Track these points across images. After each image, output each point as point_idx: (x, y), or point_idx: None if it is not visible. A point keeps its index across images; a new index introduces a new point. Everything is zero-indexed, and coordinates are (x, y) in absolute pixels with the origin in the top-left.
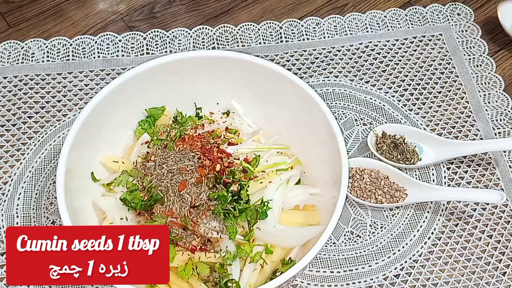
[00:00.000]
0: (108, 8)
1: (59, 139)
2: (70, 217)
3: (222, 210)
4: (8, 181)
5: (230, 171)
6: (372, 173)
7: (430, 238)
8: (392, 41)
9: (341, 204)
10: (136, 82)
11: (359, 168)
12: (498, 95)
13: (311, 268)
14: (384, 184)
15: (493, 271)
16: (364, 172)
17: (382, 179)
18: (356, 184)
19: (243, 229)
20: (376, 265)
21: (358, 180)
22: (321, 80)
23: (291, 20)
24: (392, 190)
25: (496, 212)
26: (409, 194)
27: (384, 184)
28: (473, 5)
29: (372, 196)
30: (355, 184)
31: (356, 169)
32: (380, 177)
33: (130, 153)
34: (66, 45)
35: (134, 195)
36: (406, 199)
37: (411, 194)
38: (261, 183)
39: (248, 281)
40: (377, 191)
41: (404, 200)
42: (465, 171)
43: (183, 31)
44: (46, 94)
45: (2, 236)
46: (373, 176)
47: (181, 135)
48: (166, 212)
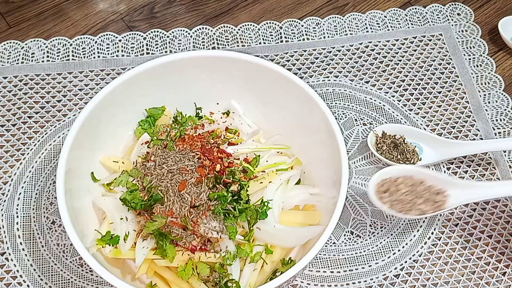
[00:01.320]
0: (108, 8)
1: (59, 139)
2: (70, 217)
3: (222, 210)
4: (8, 181)
5: (230, 171)
6: (407, 181)
7: (430, 238)
8: (392, 41)
9: (341, 204)
10: (136, 82)
11: (391, 179)
12: (498, 95)
13: (311, 268)
14: (424, 190)
15: (493, 271)
16: (397, 182)
17: (419, 185)
18: (395, 197)
19: (243, 229)
20: (376, 265)
21: (394, 192)
22: (321, 80)
23: (291, 20)
24: (432, 195)
25: (496, 212)
26: (450, 195)
27: (423, 190)
28: (473, 5)
29: (413, 207)
30: (393, 198)
31: (389, 180)
32: (416, 183)
33: (130, 153)
34: (66, 45)
35: (134, 195)
36: (449, 202)
37: (453, 195)
38: (261, 183)
39: (248, 281)
40: (418, 200)
41: (447, 203)
42: (465, 171)
43: (183, 31)
44: (46, 94)
45: (2, 236)
46: (408, 184)
47: (181, 135)
48: (166, 212)
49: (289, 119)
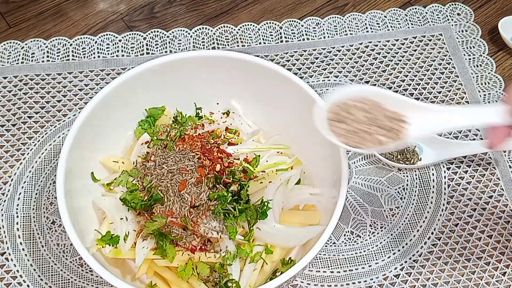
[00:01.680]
0: (108, 8)
1: (59, 139)
2: (70, 217)
3: (222, 210)
4: (8, 181)
5: (230, 171)
6: (363, 105)
7: (430, 238)
8: (392, 41)
9: (341, 204)
10: (136, 82)
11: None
12: (498, 95)
13: (311, 268)
14: (381, 117)
15: (493, 271)
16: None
17: (376, 110)
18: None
19: (243, 229)
20: (376, 265)
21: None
22: (321, 80)
23: (291, 20)
24: (391, 121)
25: (496, 212)
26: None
27: (381, 117)
28: (473, 5)
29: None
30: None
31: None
32: (373, 108)
33: (130, 153)
34: (66, 45)
35: (134, 195)
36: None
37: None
38: (261, 183)
39: (248, 281)
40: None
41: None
42: (465, 171)
43: (183, 31)
44: (46, 94)
45: (2, 236)
46: (366, 110)
47: (181, 135)
48: (166, 212)
49: (289, 119)
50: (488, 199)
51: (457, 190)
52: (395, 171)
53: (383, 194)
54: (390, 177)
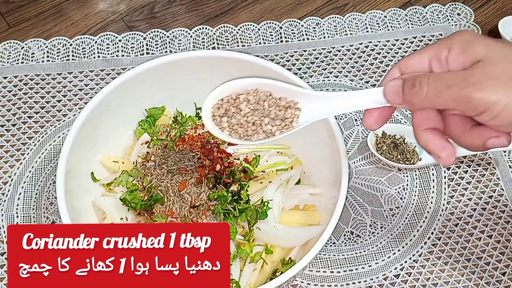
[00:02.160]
0: (108, 8)
1: (59, 139)
2: (70, 217)
3: (222, 210)
4: (8, 181)
5: (230, 171)
6: (250, 97)
7: (430, 238)
8: (392, 41)
9: (341, 204)
10: (136, 82)
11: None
12: None
13: (311, 268)
14: (271, 106)
15: (493, 271)
16: (239, 101)
17: (265, 100)
18: (235, 120)
19: (243, 229)
20: (376, 265)
21: (234, 115)
22: (321, 80)
23: (291, 20)
24: (281, 110)
25: (496, 212)
26: (302, 108)
27: (270, 106)
28: (473, 5)
29: (258, 129)
30: (233, 122)
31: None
32: (262, 99)
33: (130, 153)
34: (66, 45)
35: (134, 195)
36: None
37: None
38: (261, 183)
39: (248, 281)
40: (264, 119)
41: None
42: (465, 171)
43: (183, 31)
44: (46, 94)
45: (2, 236)
46: (252, 101)
47: (181, 135)
48: (166, 212)
49: None
50: (488, 199)
51: (457, 190)
52: (395, 171)
53: (383, 194)
54: (390, 177)
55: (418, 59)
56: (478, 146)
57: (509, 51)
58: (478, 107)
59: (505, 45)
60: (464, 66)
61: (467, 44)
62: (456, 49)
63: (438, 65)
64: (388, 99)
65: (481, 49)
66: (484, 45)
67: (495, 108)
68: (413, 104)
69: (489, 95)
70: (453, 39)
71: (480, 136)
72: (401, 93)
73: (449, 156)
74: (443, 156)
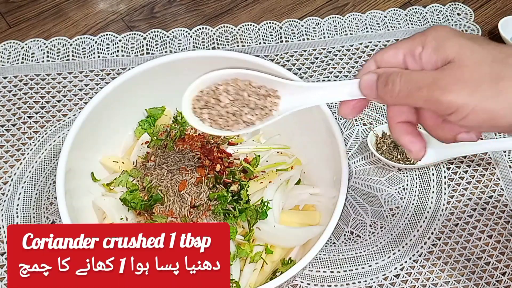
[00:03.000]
0: (108, 8)
1: (59, 139)
2: (70, 217)
3: (222, 210)
4: (8, 181)
5: (230, 171)
6: (229, 87)
7: (430, 238)
8: (392, 41)
9: (341, 204)
10: (136, 82)
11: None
12: None
13: (311, 268)
14: (250, 95)
15: (493, 271)
16: (218, 92)
17: (245, 89)
18: (215, 111)
19: (243, 229)
20: (376, 265)
21: (214, 106)
22: (321, 80)
23: (291, 20)
24: (261, 99)
25: (496, 212)
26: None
27: (250, 95)
28: (473, 5)
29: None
30: (213, 113)
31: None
32: (241, 89)
33: (130, 153)
34: (66, 45)
35: (134, 195)
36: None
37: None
38: (261, 183)
39: (248, 281)
40: (244, 109)
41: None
42: (465, 171)
43: (183, 31)
44: (46, 94)
45: (2, 236)
46: (232, 92)
47: (181, 135)
48: (166, 212)
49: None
50: (488, 199)
51: (457, 190)
52: (395, 171)
53: (383, 194)
54: (390, 177)
55: (393, 53)
56: (449, 139)
57: (479, 52)
58: (447, 109)
59: (477, 45)
60: (436, 65)
61: (439, 43)
62: (429, 47)
63: (412, 61)
64: (363, 93)
65: (453, 49)
66: (456, 45)
67: (462, 111)
68: (386, 101)
69: (457, 99)
70: (427, 36)
71: (450, 131)
72: (375, 89)
73: (419, 150)
74: (413, 150)
